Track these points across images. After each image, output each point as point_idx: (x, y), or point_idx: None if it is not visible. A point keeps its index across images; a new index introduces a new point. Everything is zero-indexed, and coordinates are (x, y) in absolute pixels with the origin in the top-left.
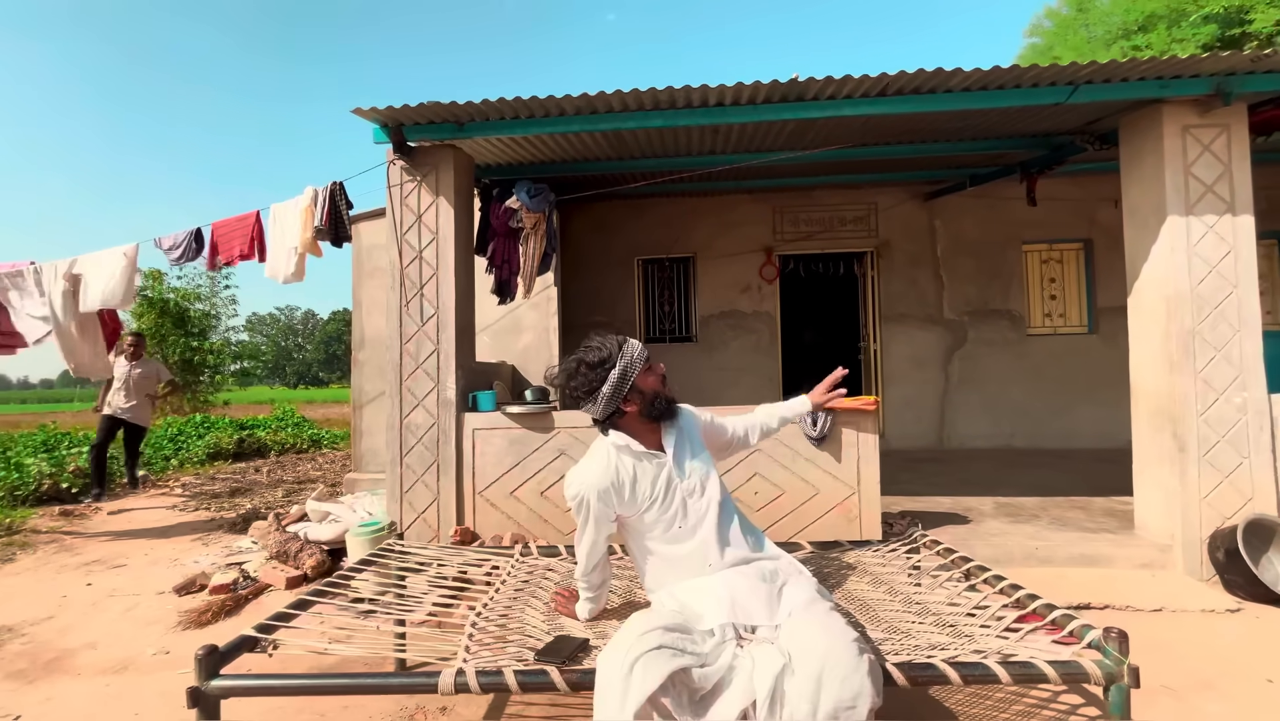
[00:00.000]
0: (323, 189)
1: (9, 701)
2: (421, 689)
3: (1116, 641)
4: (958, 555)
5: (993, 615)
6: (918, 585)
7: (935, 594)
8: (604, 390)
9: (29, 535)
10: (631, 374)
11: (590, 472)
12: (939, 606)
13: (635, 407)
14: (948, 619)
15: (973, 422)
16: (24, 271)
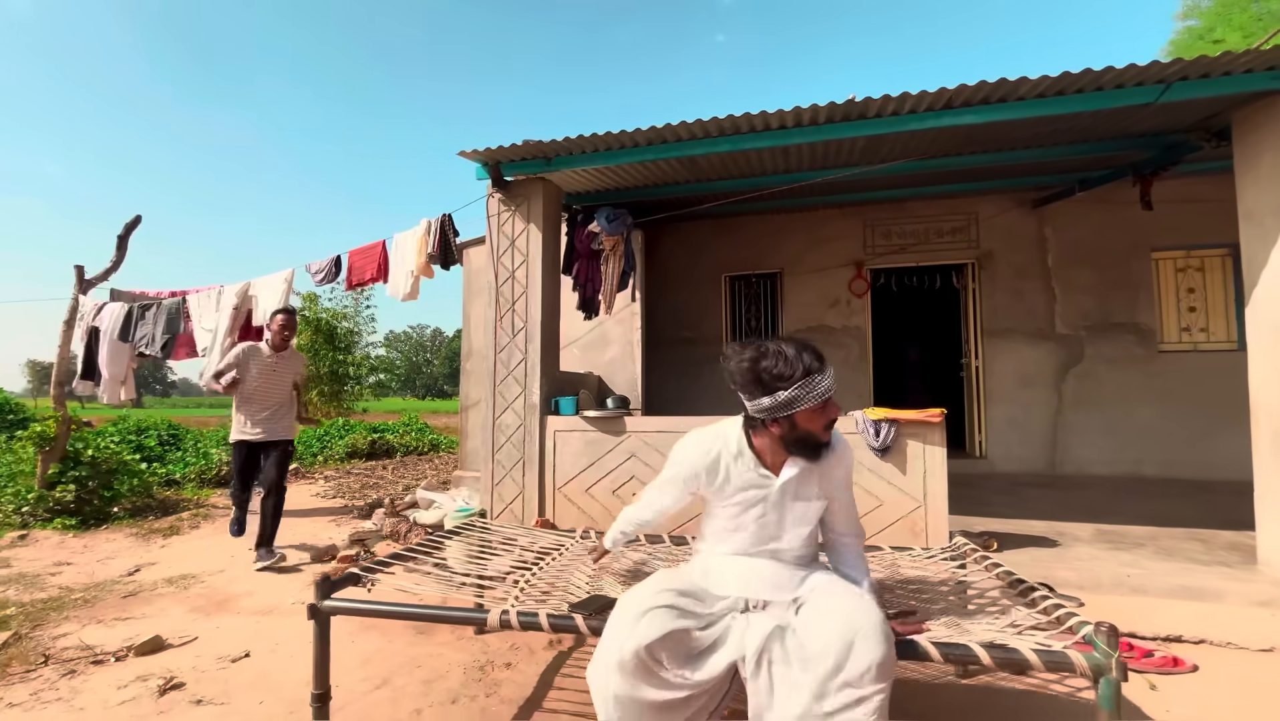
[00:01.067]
0: (435, 220)
1: (190, 626)
2: (473, 621)
3: (1106, 635)
4: (1002, 569)
5: (1000, 611)
6: (943, 584)
7: (955, 590)
8: (764, 400)
9: (210, 509)
10: (797, 406)
11: (695, 448)
12: (954, 601)
13: (780, 432)
14: (956, 611)
15: (1092, 446)
16: (209, 292)
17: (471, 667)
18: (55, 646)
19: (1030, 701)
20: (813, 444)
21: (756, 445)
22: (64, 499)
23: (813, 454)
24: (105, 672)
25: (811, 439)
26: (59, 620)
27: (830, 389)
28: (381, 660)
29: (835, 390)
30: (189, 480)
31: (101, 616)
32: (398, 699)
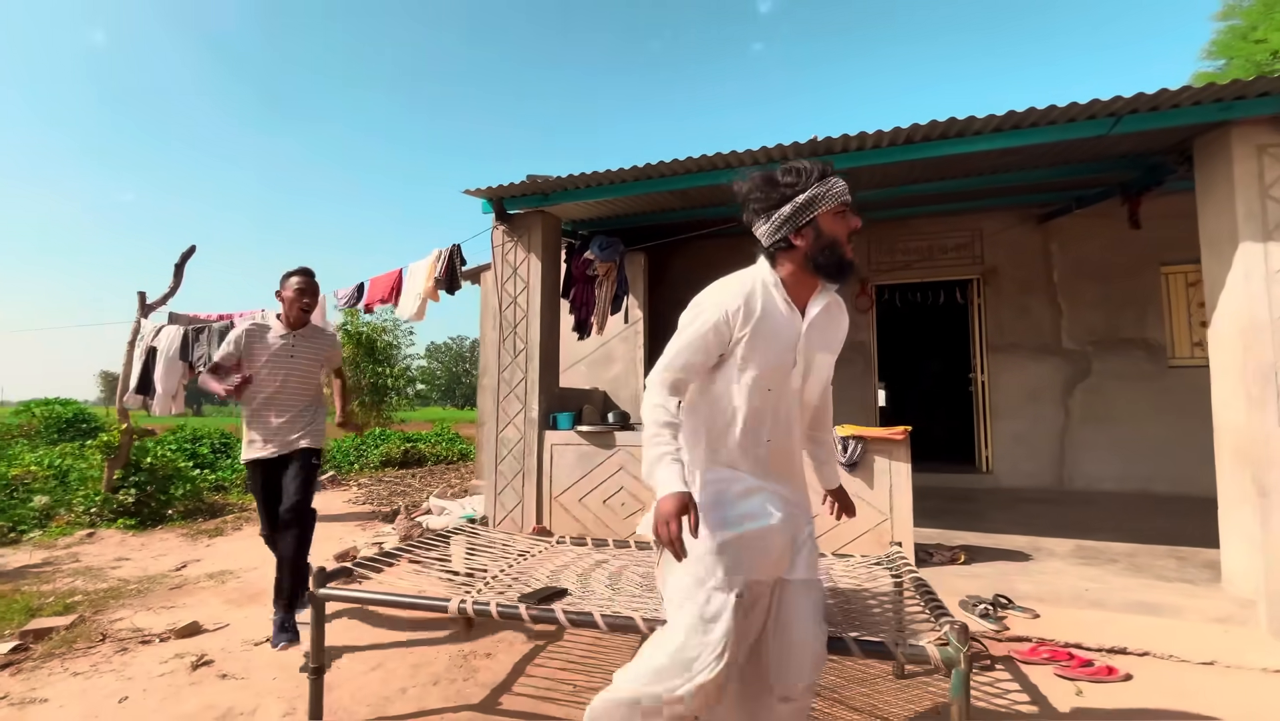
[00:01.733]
0: (445, 249)
1: (224, 615)
2: (437, 609)
3: (958, 633)
4: (917, 576)
5: (901, 614)
6: (857, 589)
7: (859, 596)
8: (784, 210)
9: (251, 513)
10: (818, 207)
11: (725, 291)
12: (869, 604)
13: (805, 245)
14: (864, 613)
15: (1100, 462)
16: (257, 314)
17: (456, 656)
18: (112, 628)
19: None
20: (840, 256)
21: (782, 276)
22: (125, 502)
23: (840, 272)
24: (150, 650)
25: (839, 248)
26: (116, 606)
27: (847, 190)
28: (378, 648)
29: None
30: (235, 486)
31: (151, 605)
32: (388, 679)
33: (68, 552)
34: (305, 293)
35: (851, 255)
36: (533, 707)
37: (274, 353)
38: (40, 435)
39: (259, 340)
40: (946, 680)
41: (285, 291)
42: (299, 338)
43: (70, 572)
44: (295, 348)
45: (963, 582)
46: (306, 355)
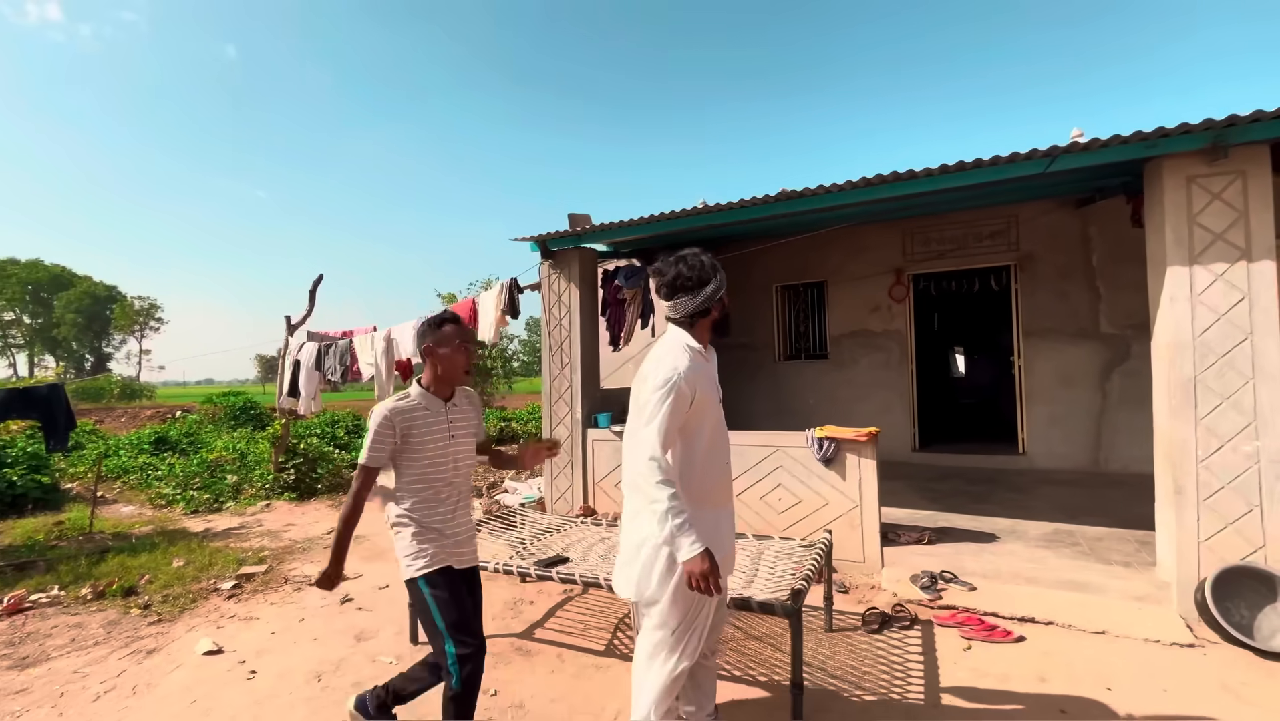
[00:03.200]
0: (505, 282)
1: (359, 567)
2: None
3: (792, 595)
4: (816, 553)
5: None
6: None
7: (772, 567)
8: (709, 289)
9: (378, 489)
10: (721, 290)
11: (681, 359)
12: (771, 572)
13: (716, 314)
14: (764, 579)
15: (1138, 444)
16: (368, 335)
17: (509, 600)
18: (291, 575)
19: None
20: (729, 321)
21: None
22: (288, 479)
23: (727, 331)
24: (314, 591)
25: (728, 317)
26: (290, 560)
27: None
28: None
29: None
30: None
31: (314, 559)
32: None
33: (254, 519)
34: (471, 350)
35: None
36: (555, 638)
37: (433, 433)
38: (222, 420)
39: (412, 418)
40: (865, 633)
41: (442, 347)
42: (453, 408)
43: (258, 534)
44: (453, 423)
45: (919, 560)
46: (464, 430)
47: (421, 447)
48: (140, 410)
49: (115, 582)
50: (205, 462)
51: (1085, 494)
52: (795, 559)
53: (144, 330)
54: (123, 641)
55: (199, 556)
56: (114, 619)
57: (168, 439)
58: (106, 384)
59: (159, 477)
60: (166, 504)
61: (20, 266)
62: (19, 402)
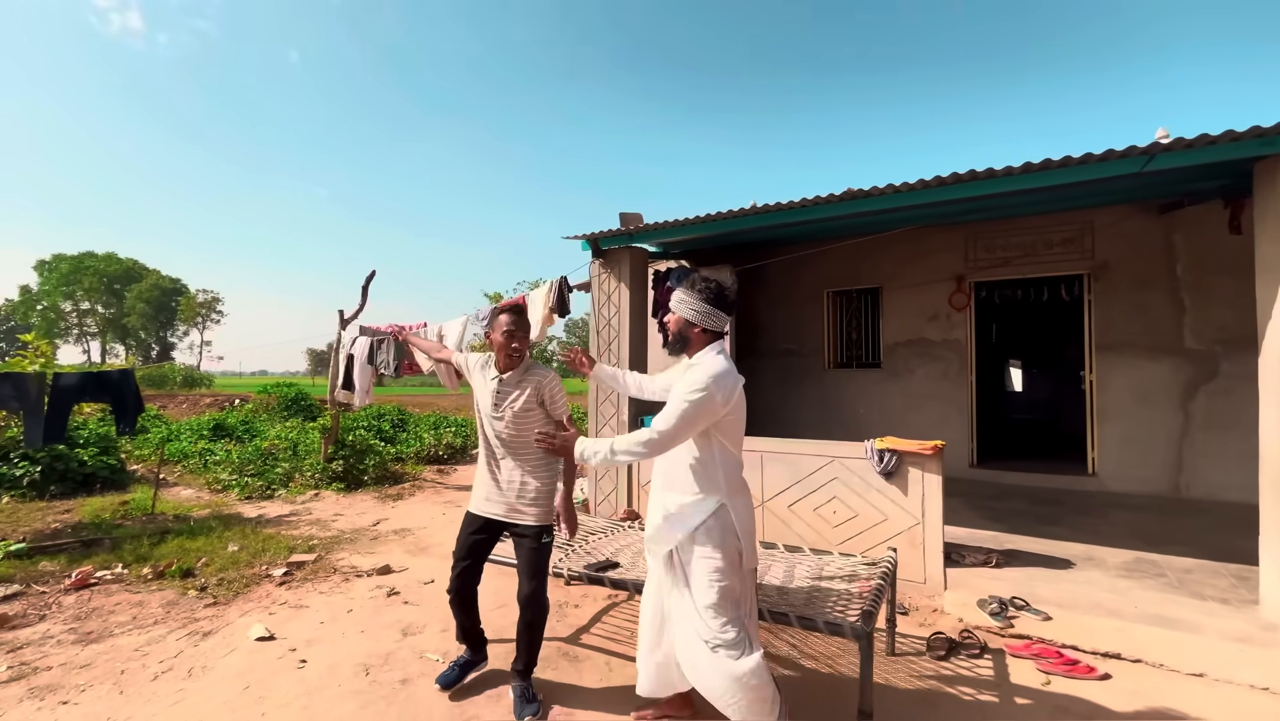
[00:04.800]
0: (555, 281)
1: (406, 561)
2: None
3: (863, 617)
4: (881, 571)
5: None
6: (829, 578)
7: (832, 584)
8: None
9: (421, 481)
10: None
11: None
12: (831, 590)
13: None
14: (824, 597)
15: (1225, 470)
16: (420, 329)
17: (554, 604)
18: (338, 565)
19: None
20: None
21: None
22: (336, 470)
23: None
24: (361, 582)
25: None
26: (338, 549)
27: None
28: (505, 593)
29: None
30: (410, 458)
31: (360, 550)
32: (507, 615)
33: (304, 507)
34: (515, 335)
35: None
36: (601, 644)
37: (482, 393)
38: (275, 410)
39: (473, 366)
40: (930, 660)
41: (494, 333)
42: (506, 384)
43: (308, 523)
44: (498, 394)
45: (986, 584)
46: (510, 402)
47: (475, 396)
48: (200, 398)
49: (174, 563)
50: (259, 450)
51: (1165, 521)
52: (860, 577)
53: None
54: (180, 622)
55: (253, 542)
56: (173, 599)
57: (225, 426)
58: (170, 372)
59: (216, 463)
60: (223, 489)
61: (98, 259)
62: (93, 386)
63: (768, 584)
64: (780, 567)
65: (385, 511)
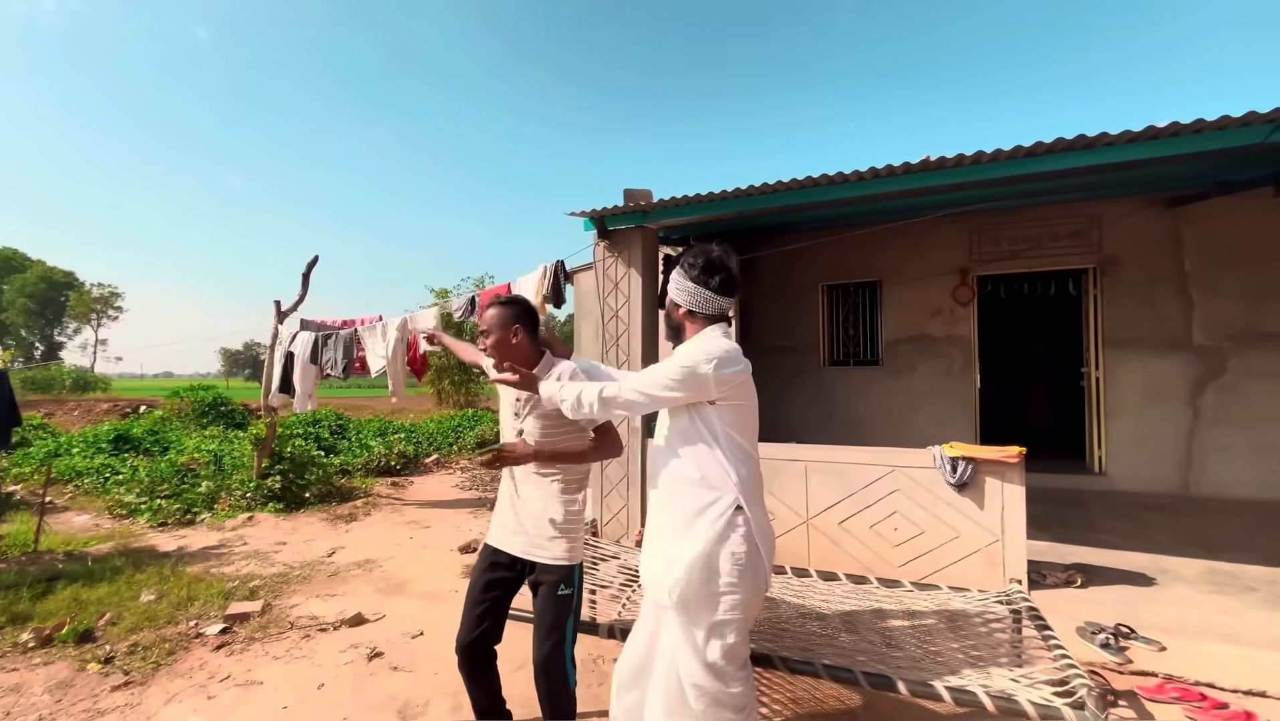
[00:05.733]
0: (550, 265)
1: (379, 605)
2: None
3: (1096, 698)
4: (1039, 617)
5: (1023, 659)
6: (982, 629)
7: (983, 636)
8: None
9: (375, 498)
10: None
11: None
12: (985, 644)
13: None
14: (977, 657)
15: (1234, 468)
16: (376, 325)
17: (588, 660)
18: (293, 614)
19: None
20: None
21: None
22: (273, 487)
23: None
24: (327, 638)
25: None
26: (290, 593)
27: None
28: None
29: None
30: (357, 469)
31: (318, 591)
32: (529, 677)
33: (235, 535)
34: (487, 332)
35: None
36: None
37: (507, 399)
38: (189, 417)
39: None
40: None
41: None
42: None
43: (244, 556)
44: (520, 401)
45: (1080, 608)
46: (536, 409)
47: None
48: (95, 404)
49: (67, 623)
50: (175, 466)
51: (1198, 522)
52: (996, 618)
53: (101, 319)
54: (77, 717)
55: (174, 587)
56: (65, 678)
57: (129, 437)
58: (59, 374)
59: (120, 482)
60: (128, 514)
61: None
62: None
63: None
64: (867, 605)
65: (338, 537)
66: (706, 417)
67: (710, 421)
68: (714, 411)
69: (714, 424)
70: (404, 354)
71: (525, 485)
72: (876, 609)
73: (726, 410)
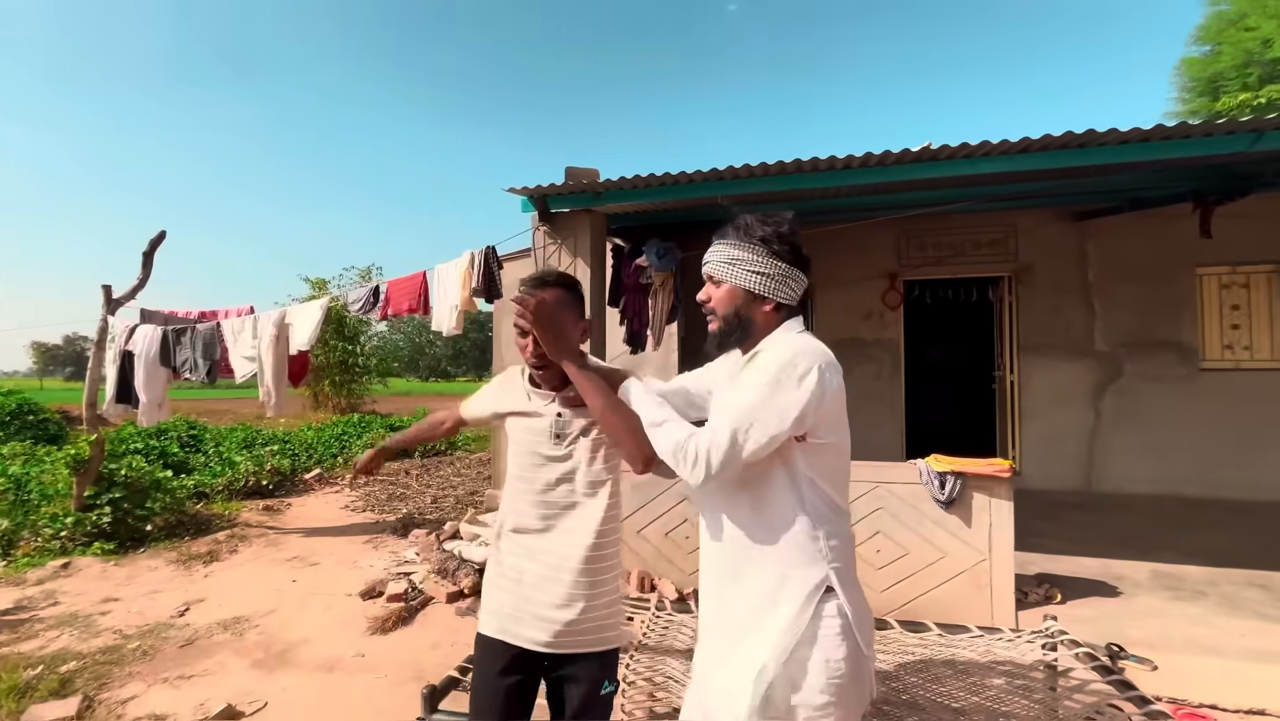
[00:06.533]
0: (478, 252)
1: (256, 687)
2: None
3: None
4: (1113, 675)
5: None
6: (1053, 689)
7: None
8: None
9: (243, 528)
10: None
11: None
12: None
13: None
14: None
15: (1130, 465)
16: (244, 319)
17: None
18: (128, 714)
19: None
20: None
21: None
22: (100, 523)
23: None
24: None
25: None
26: (123, 677)
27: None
28: None
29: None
30: (217, 492)
31: (165, 672)
32: None
33: (42, 591)
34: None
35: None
36: None
37: (529, 429)
38: None
39: (505, 396)
40: None
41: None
42: (571, 404)
43: (53, 622)
44: (565, 422)
45: (1072, 629)
46: (594, 432)
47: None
48: None
49: None
50: None
51: (1115, 520)
52: (1044, 665)
53: None
54: None
55: None
56: None
57: None
58: None
59: None
60: None
61: None
62: None
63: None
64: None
65: (194, 585)
66: (789, 459)
67: (794, 465)
68: (800, 452)
69: (799, 468)
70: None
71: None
72: (919, 662)
73: (817, 450)
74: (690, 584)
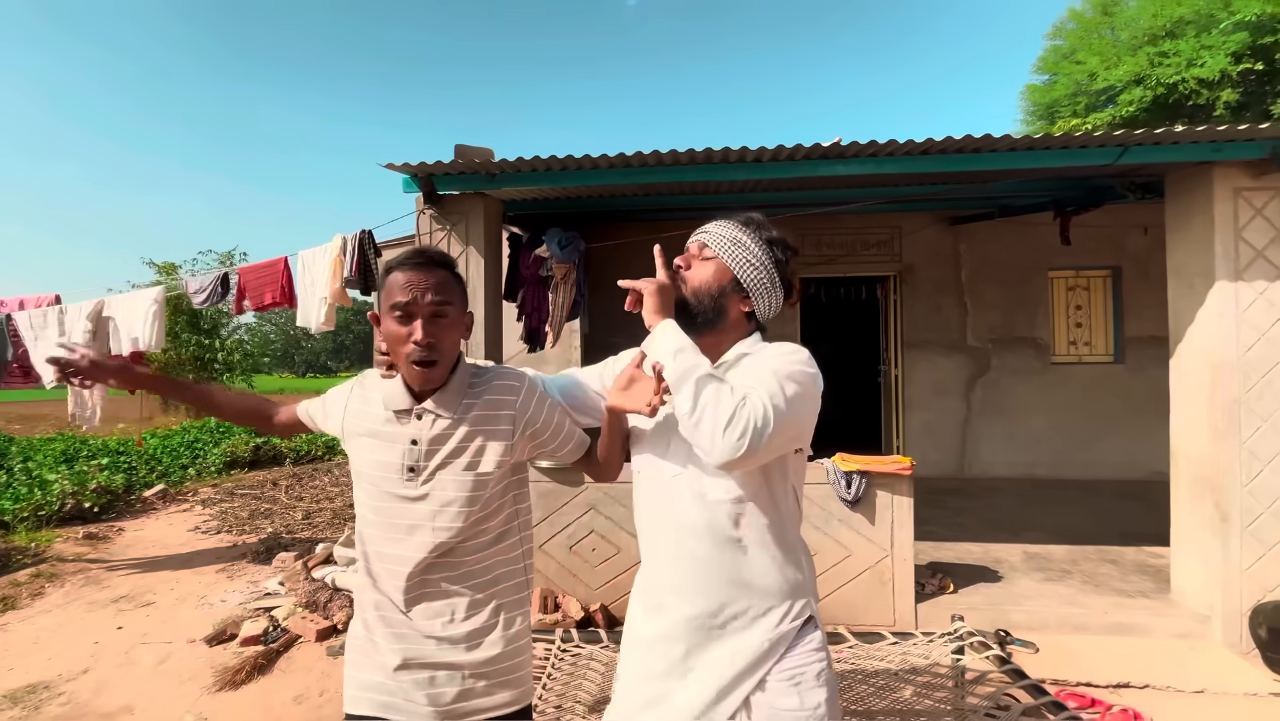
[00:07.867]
0: (351, 237)
1: None
2: None
3: None
4: (1010, 666)
5: None
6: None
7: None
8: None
9: (55, 563)
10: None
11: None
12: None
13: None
14: None
15: (995, 451)
16: (46, 312)
17: None
18: None
19: None
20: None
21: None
22: None
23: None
24: None
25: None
26: None
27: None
28: None
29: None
30: (22, 519)
31: None
32: None
33: None
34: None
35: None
36: None
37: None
38: None
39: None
40: None
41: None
42: (436, 416)
43: None
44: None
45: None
46: (467, 455)
47: (363, 468)
48: None
49: None
50: None
51: (984, 504)
52: (963, 669)
53: None
54: None
55: None
56: None
57: None
58: None
59: None
60: None
61: None
62: None
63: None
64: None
65: None
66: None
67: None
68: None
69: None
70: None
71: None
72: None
73: (800, 459)
74: (596, 600)
